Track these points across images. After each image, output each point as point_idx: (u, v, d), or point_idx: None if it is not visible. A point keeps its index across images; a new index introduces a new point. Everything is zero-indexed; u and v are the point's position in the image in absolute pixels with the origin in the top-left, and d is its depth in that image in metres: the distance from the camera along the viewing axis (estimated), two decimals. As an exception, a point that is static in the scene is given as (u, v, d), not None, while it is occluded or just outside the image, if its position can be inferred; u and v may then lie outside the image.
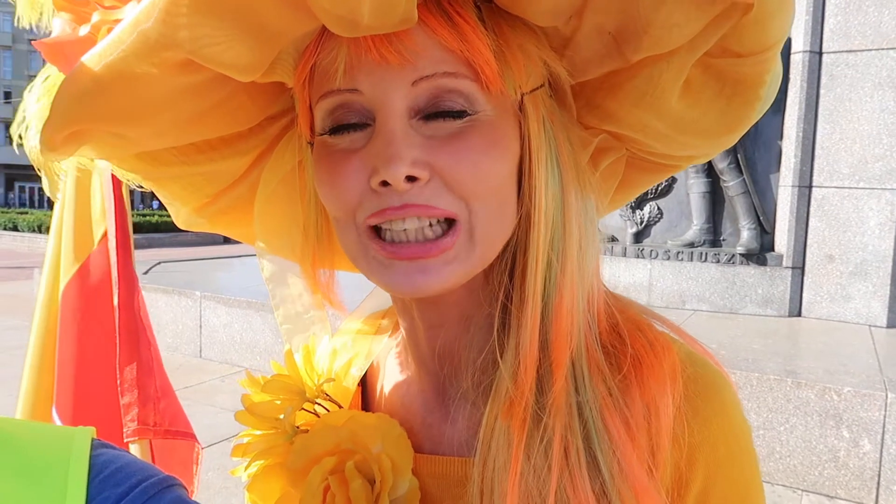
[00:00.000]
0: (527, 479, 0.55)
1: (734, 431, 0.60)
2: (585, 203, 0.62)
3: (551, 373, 0.57)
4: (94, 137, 0.60)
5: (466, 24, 0.54)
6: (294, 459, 0.67)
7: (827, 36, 5.37)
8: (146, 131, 0.61)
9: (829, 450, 3.56)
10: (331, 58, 0.57)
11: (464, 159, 0.55)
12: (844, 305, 5.39)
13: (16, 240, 20.29)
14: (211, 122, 0.64)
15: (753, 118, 0.61)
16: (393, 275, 0.57)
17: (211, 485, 3.55)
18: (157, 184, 0.73)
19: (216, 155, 0.69)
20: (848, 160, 5.33)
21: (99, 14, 0.58)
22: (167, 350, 6.28)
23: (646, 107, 0.60)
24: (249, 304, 5.79)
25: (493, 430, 0.58)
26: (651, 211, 6.06)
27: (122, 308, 1.63)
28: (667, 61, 0.56)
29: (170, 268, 7.41)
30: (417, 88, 0.55)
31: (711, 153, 0.67)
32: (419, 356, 0.69)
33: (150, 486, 0.54)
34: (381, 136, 0.55)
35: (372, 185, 0.56)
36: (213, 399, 5.04)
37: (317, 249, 0.72)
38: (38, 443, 0.55)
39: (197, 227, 0.79)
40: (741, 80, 0.58)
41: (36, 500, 0.50)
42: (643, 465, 0.56)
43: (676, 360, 0.60)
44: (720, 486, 0.59)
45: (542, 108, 0.60)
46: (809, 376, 3.73)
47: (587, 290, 0.61)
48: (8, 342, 6.61)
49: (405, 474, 0.64)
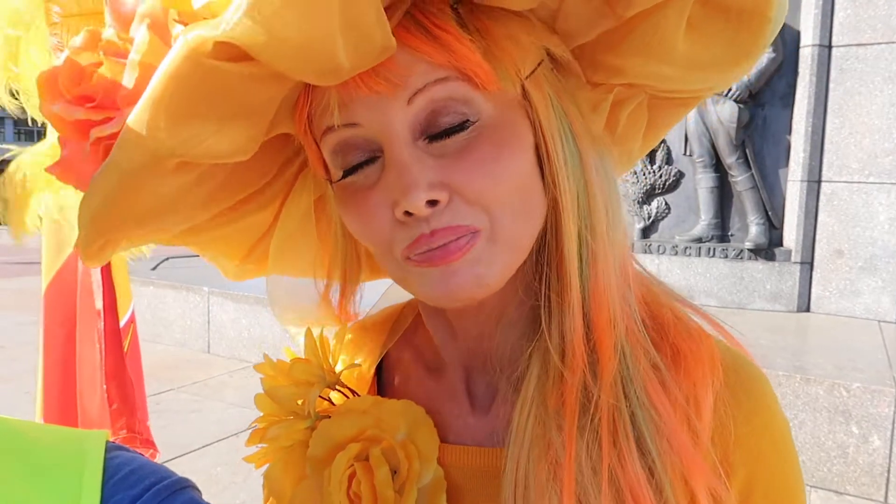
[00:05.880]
0: (578, 461, 0.54)
1: (777, 424, 0.60)
2: (606, 173, 0.61)
3: (598, 352, 0.57)
4: (128, 241, 0.62)
5: (447, 34, 0.53)
6: (316, 446, 0.66)
7: (836, 30, 5.34)
8: (169, 223, 0.62)
9: (839, 446, 3.54)
10: (324, 104, 0.56)
11: (478, 171, 0.54)
12: (854, 301, 5.36)
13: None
14: (229, 191, 0.65)
15: (763, 45, 0.59)
16: (431, 285, 0.57)
17: (219, 480, 3.57)
18: (200, 247, 0.74)
19: (246, 210, 0.70)
20: (857, 155, 5.29)
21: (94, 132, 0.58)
22: (175, 345, 6.31)
23: (651, 56, 0.58)
24: (257, 299, 5.80)
25: (527, 418, 0.57)
26: (658, 206, 6.04)
27: (107, 312, 1.61)
28: (663, 9, 0.55)
29: (178, 263, 7.43)
30: (414, 105, 0.54)
31: (731, 80, 0.64)
32: (450, 352, 0.69)
33: (163, 489, 0.55)
34: (392, 168, 0.55)
35: (397, 216, 0.55)
36: (221, 394, 5.05)
37: (346, 286, 0.72)
38: (52, 445, 0.55)
39: (249, 275, 0.80)
40: (746, 9, 0.56)
41: (51, 501, 0.51)
42: (692, 441, 0.55)
43: (715, 349, 0.59)
44: (763, 479, 0.59)
45: (546, 86, 0.58)
46: (818, 372, 3.71)
47: (618, 263, 0.60)
48: (18, 337, 6.65)
49: (431, 463, 0.64)
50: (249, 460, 0.70)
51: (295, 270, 0.76)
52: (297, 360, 0.70)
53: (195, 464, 3.78)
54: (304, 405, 0.68)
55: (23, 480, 0.51)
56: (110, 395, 1.57)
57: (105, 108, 0.57)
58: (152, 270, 7.13)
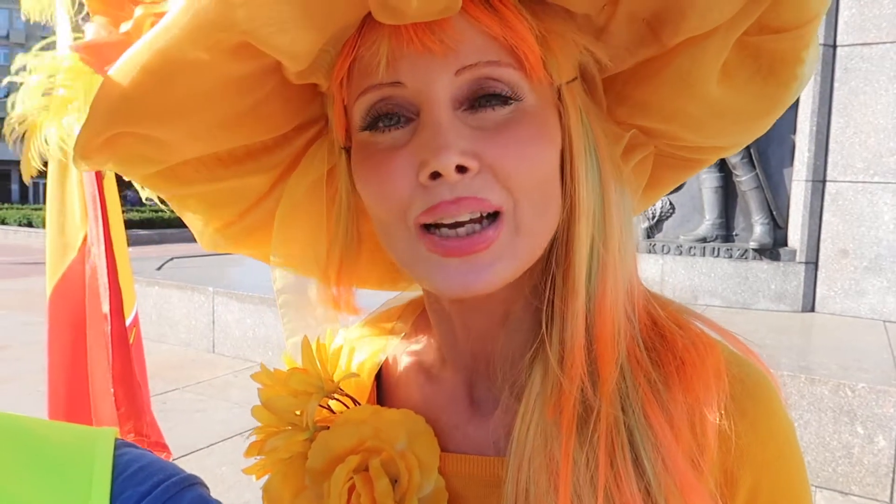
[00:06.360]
0: (575, 475, 0.54)
1: (783, 432, 0.60)
2: (623, 195, 0.61)
3: (598, 366, 0.57)
4: (126, 145, 0.59)
5: (508, 10, 0.54)
6: (315, 458, 0.65)
7: (841, 29, 5.32)
8: (181, 134, 0.60)
9: (844, 446, 3.54)
10: (372, 51, 0.56)
11: (512, 149, 0.55)
12: (859, 301, 5.35)
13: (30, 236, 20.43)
14: (244, 126, 0.63)
15: (789, 100, 0.60)
16: (446, 275, 0.56)
17: (224, 479, 3.58)
18: (180, 202, 0.72)
19: (241, 170, 0.68)
20: (862, 154, 5.27)
21: (143, 8, 0.57)
22: (180, 345, 6.33)
23: (683, 93, 0.59)
24: (262, 299, 5.81)
25: (528, 427, 0.57)
26: (663, 206, 6.03)
27: (114, 315, 1.60)
28: (705, 43, 0.55)
29: (182, 263, 7.45)
30: (460, 78, 0.55)
31: (744, 140, 0.66)
32: (453, 354, 0.69)
33: (171, 485, 0.55)
34: (428, 128, 0.54)
35: (421, 180, 0.54)
36: (226, 394, 5.07)
37: (343, 265, 0.71)
38: (63, 442, 0.56)
39: (222, 248, 0.77)
40: (778, 59, 0.57)
41: (62, 497, 0.51)
42: (688, 463, 0.55)
43: (721, 359, 0.59)
44: (769, 487, 0.58)
45: (579, 100, 0.59)
46: (823, 372, 3.70)
47: (626, 282, 0.60)
48: (23, 337, 6.68)
49: (431, 473, 0.63)
50: (249, 472, 0.70)
51: (296, 246, 0.74)
52: (294, 371, 0.70)
53: (200, 463, 3.79)
54: (303, 416, 0.67)
55: (33, 477, 0.52)
56: (118, 398, 1.56)
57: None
58: (157, 270, 7.15)
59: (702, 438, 0.56)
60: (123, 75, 0.53)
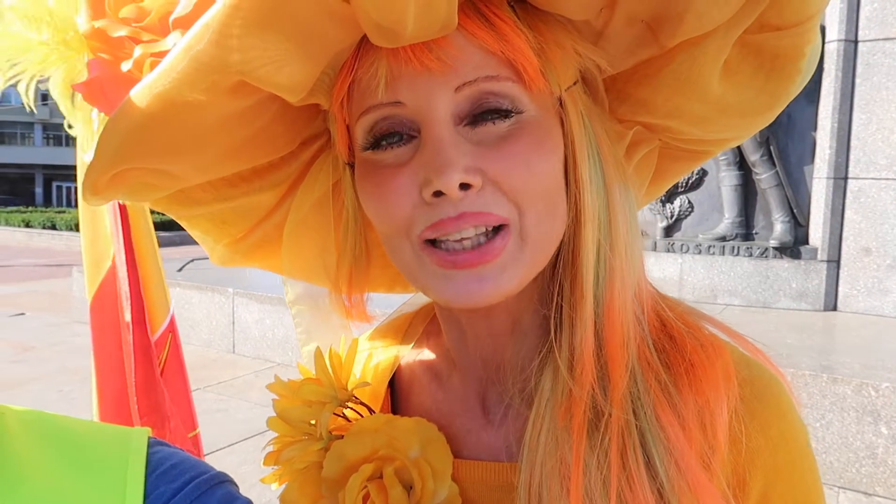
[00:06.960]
0: (588, 479, 0.54)
1: (793, 434, 0.60)
2: (627, 196, 0.62)
3: (608, 370, 0.57)
4: (135, 178, 0.60)
5: (505, 24, 0.54)
6: (329, 467, 0.66)
7: (863, 24, 5.25)
8: (187, 167, 0.62)
9: (867, 446, 3.49)
10: (371, 73, 0.56)
11: (515, 162, 0.55)
12: (882, 299, 5.28)
13: (54, 238, 20.70)
14: (249, 152, 0.64)
15: (793, 93, 0.60)
16: (452, 287, 0.56)
17: (247, 478, 3.60)
18: (190, 222, 0.73)
19: (248, 188, 0.69)
20: (885, 151, 5.20)
21: (141, 48, 0.59)
22: (202, 346, 6.39)
23: (684, 91, 0.59)
24: (281, 300, 5.84)
25: (539, 432, 0.58)
26: (682, 204, 5.99)
27: (135, 325, 1.60)
28: (704, 42, 0.55)
29: (202, 265, 7.51)
30: (460, 95, 0.55)
31: (747, 134, 0.66)
32: (464, 361, 0.69)
33: (202, 482, 0.58)
34: (429, 146, 0.55)
35: (425, 197, 0.55)
36: (246, 394, 5.11)
37: (353, 274, 0.71)
38: (98, 441, 0.59)
39: (232, 262, 0.78)
40: (780, 55, 0.57)
41: (98, 493, 0.54)
42: (700, 464, 0.55)
43: (730, 361, 0.59)
44: (780, 491, 0.58)
45: (580, 104, 0.60)
46: (846, 371, 3.65)
47: (634, 284, 0.60)
48: (48, 338, 6.78)
49: (445, 480, 0.63)
50: (266, 481, 0.70)
51: (305, 259, 0.75)
52: (307, 381, 0.71)
53: (222, 462, 3.83)
54: (317, 426, 0.68)
55: (71, 474, 0.54)
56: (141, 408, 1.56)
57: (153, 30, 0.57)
58: (178, 272, 7.22)
59: (712, 439, 0.56)
60: (126, 117, 0.55)
